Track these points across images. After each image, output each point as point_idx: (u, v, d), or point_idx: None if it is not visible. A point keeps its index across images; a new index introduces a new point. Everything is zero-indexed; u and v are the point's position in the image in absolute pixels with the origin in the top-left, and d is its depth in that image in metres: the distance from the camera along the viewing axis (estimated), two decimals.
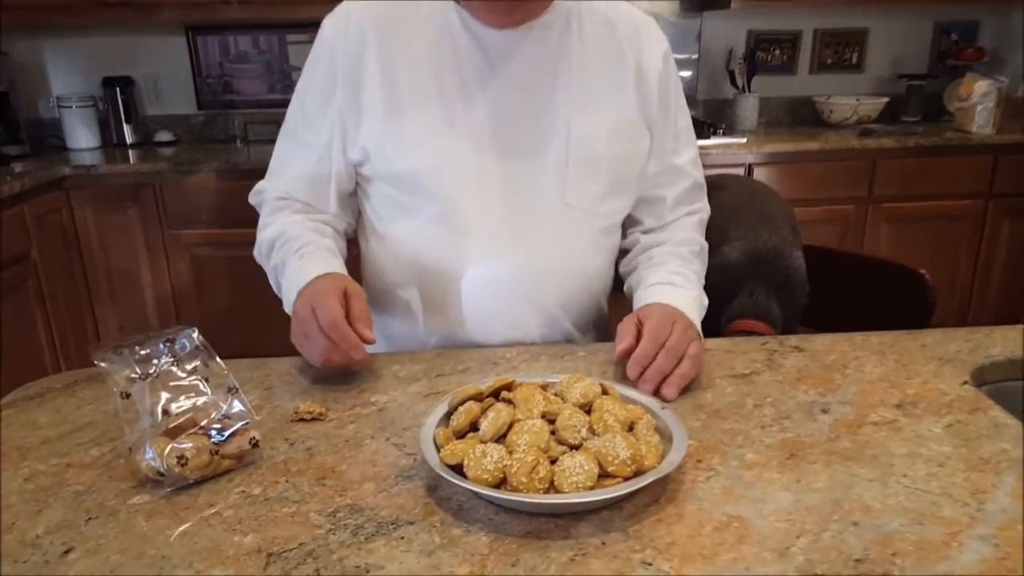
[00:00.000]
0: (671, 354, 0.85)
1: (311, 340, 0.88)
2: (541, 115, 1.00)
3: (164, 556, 0.61)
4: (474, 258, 1.01)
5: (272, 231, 1.04)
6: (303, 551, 0.61)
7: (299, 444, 0.78)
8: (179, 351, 0.77)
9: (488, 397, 0.75)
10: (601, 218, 1.06)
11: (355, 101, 0.99)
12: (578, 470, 0.64)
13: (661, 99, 1.05)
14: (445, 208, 1.00)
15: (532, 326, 1.05)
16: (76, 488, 0.70)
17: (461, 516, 0.65)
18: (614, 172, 1.03)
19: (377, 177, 1.03)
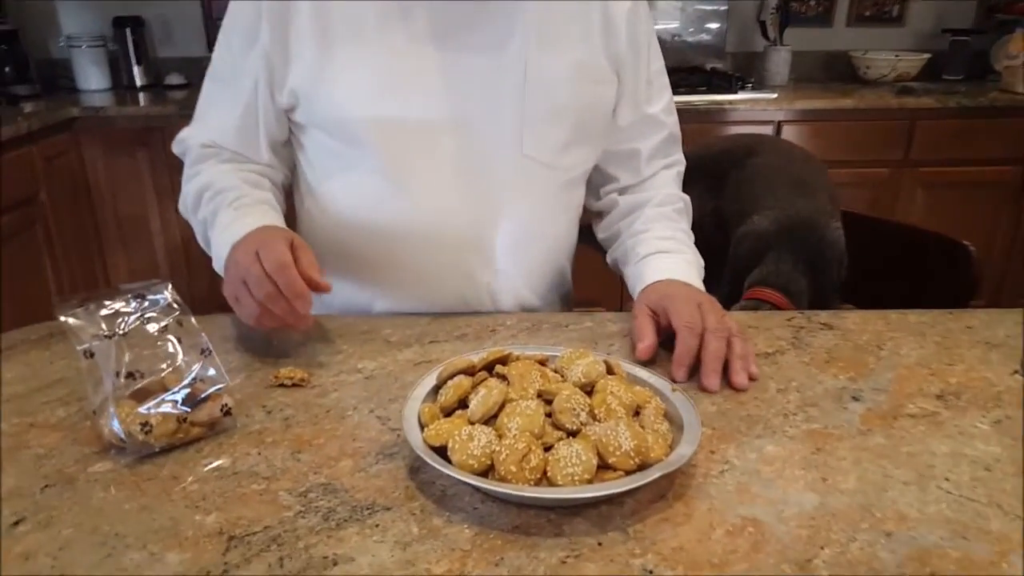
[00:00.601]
0: (719, 336, 0.77)
1: (250, 287, 0.76)
2: (495, 55, 0.89)
3: (118, 534, 0.55)
4: (419, 217, 0.93)
5: (199, 182, 0.94)
6: (268, 535, 0.55)
7: (276, 412, 0.72)
8: (150, 308, 0.71)
9: (481, 371, 0.69)
10: (563, 171, 0.98)
11: (282, 39, 0.89)
12: (574, 460, 0.57)
13: (630, 40, 0.95)
14: (385, 160, 0.91)
15: (484, 292, 0.98)
16: (37, 451, 0.65)
17: (444, 504, 0.59)
18: (577, 119, 0.94)
19: (310, 125, 0.94)
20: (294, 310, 0.75)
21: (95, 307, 0.69)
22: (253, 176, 0.96)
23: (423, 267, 0.96)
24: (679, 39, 2.97)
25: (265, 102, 0.93)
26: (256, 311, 0.76)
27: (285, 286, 0.74)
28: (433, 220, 0.93)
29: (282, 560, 0.53)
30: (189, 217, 0.98)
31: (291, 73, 0.90)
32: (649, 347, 0.81)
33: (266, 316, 0.76)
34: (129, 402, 0.65)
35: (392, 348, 0.85)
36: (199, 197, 0.94)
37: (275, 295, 0.75)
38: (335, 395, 0.75)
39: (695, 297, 0.83)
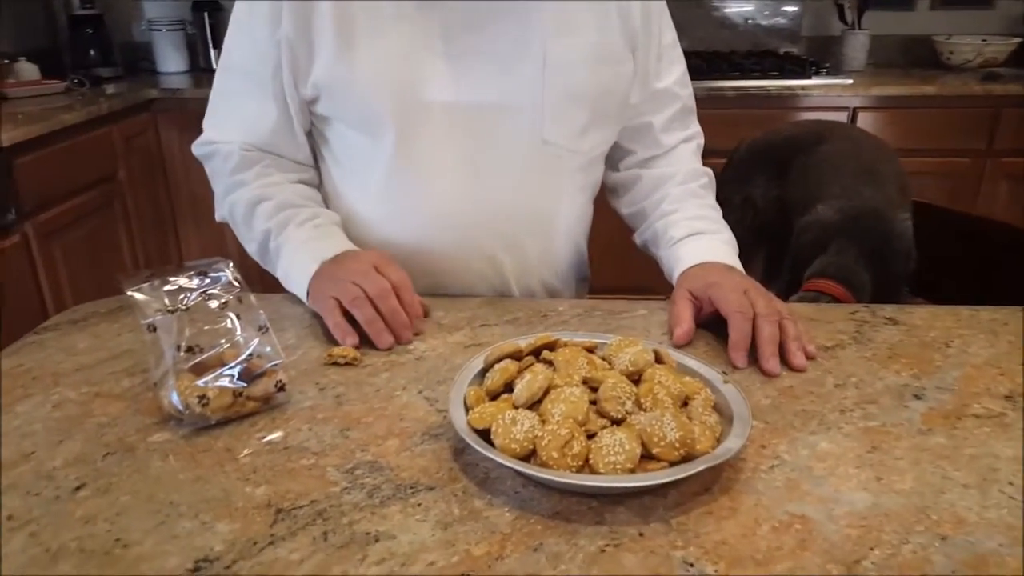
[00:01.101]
0: (771, 320, 0.76)
1: (370, 295, 0.80)
2: (514, 41, 0.89)
3: (172, 502, 0.58)
4: (440, 204, 0.93)
5: (250, 192, 0.93)
6: (314, 509, 0.57)
7: (329, 390, 0.73)
8: (212, 284, 0.73)
9: (528, 356, 0.69)
10: (582, 154, 0.97)
11: (305, 31, 0.88)
12: (617, 449, 0.56)
13: (644, 15, 0.94)
14: (406, 149, 0.91)
15: (506, 276, 0.98)
16: (100, 420, 0.68)
17: (486, 486, 0.59)
18: (596, 102, 0.93)
19: (334, 117, 0.94)
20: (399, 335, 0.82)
21: (160, 283, 0.72)
22: (307, 190, 0.97)
23: (445, 253, 0.96)
24: (753, 22, 2.88)
25: (291, 95, 0.92)
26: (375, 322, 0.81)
27: (389, 313, 0.81)
28: (453, 207, 0.94)
29: (326, 534, 0.54)
30: (236, 226, 0.97)
31: (315, 65, 0.89)
32: (686, 332, 0.80)
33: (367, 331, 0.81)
34: (188, 375, 0.67)
35: (443, 330, 0.85)
36: (252, 209, 0.93)
37: (389, 314, 0.81)
38: (386, 375, 0.76)
39: (740, 283, 0.82)
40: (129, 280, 0.69)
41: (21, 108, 2.13)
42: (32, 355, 0.80)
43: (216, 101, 0.97)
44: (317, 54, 0.89)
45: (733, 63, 2.57)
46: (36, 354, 0.80)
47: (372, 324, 0.80)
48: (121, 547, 0.53)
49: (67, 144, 2.08)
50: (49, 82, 2.40)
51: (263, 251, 0.95)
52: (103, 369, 0.77)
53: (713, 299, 0.80)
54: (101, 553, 0.52)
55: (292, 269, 0.89)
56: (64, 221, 2.08)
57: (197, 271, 0.74)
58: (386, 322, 0.80)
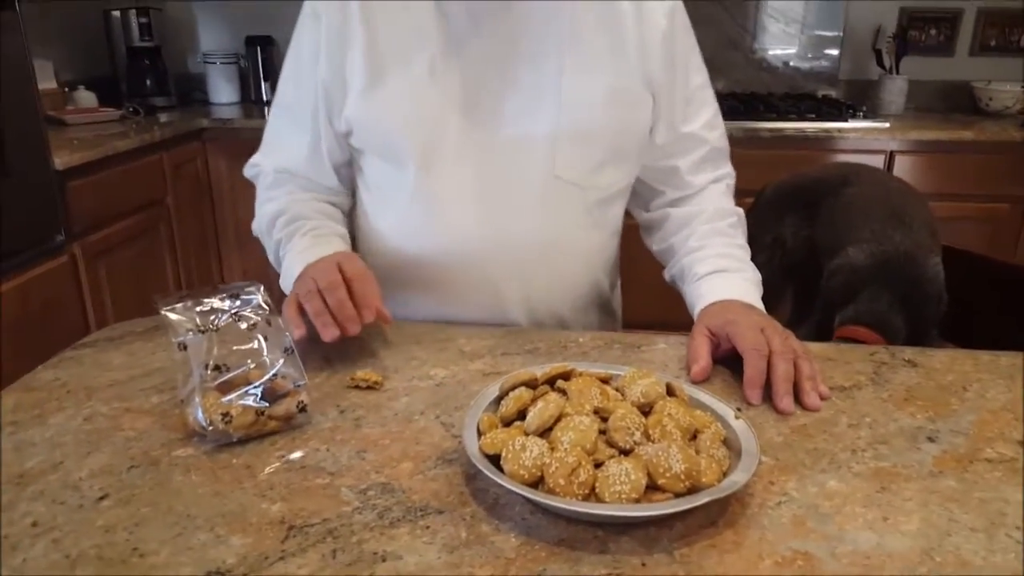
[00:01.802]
0: (786, 358, 0.77)
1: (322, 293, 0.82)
2: (530, 79, 0.92)
3: (190, 515, 0.60)
4: (455, 236, 0.97)
5: (273, 207, 1.02)
6: (325, 528, 0.58)
7: (349, 412, 0.75)
8: (243, 307, 0.76)
9: (543, 384, 0.70)
10: (596, 190, 0.99)
11: (339, 71, 0.95)
12: (623, 478, 0.57)
13: (667, 60, 0.95)
14: (424, 179, 0.95)
15: (516, 307, 1.00)
16: (128, 434, 0.71)
17: (494, 512, 0.60)
18: (611, 141, 0.95)
19: (366, 149, 1.00)
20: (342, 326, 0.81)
21: (193, 303, 0.75)
22: (327, 207, 1.03)
23: (461, 284, 0.99)
24: (791, 66, 2.90)
25: (326, 129, 1.00)
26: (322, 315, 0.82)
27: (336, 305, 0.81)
28: (465, 234, 0.97)
29: (335, 552, 0.56)
30: (262, 237, 1.06)
31: (347, 102, 0.96)
32: (703, 368, 0.81)
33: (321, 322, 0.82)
34: (214, 393, 0.70)
35: (465, 358, 0.87)
36: (273, 221, 1.01)
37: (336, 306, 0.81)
38: (405, 399, 0.78)
39: (757, 321, 0.82)
40: (164, 300, 0.73)
41: (77, 134, 2.23)
42: (69, 369, 0.83)
43: (267, 130, 1.07)
44: (349, 92, 0.95)
45: (770, 105, 2.58)
46: (72, 369, 0.84)
47: (318, 317, 0.81)
48: (138, 556, 0.55)
49: (119, 169, 2.17)
50: (106, 110, 2.51)
51: (276, 260, 1.02)
52: (135, 385, 0.80)
53: (730, 336, 0.81)
54: (118, 561, 0.55)
55: (286, 274, 0.95)
56: (111, 243, 2.16)
57: (230, 293, 0.77)
58: (333, 315, 0.81)
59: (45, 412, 0.74)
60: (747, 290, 0.90)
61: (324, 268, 0.85)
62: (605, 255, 1.06)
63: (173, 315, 0.72)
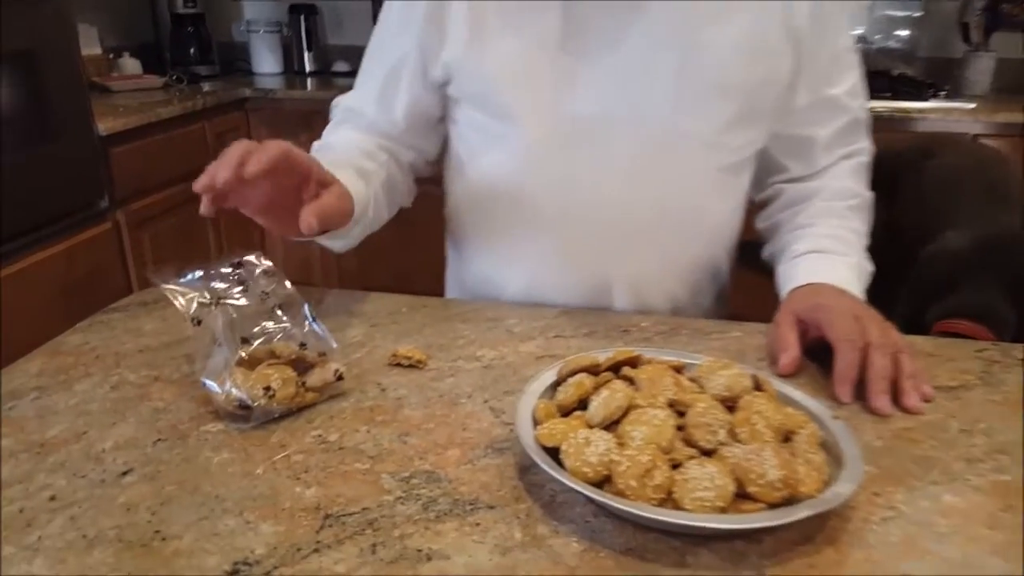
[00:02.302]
0: (884, 352, 0.68)
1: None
2: (655, 25, 0.81)
3: (218, 496, 0.54)
4: (562, 197, 0.87)
5: (324, 140, 0.95)
6: (364, 518, 0.52)
7: (390, 391, 0.69)
8: (249, 276, 0.70)
9: (606, 371, 0.62)
10: (726, 152, 0.87)
11: (438, 15, 0.86)
12: (707, 484, 0.49)
13: (814, 10, 0.83)
14: (531, 136, 0.86)
15: (621, 285, 0.90)
16: (156, 404, 0.66)
17: (552, 511, 0.53)
18: (746, 97, 0.84)
19: (463, 99, 0.91)
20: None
21: (194, 277, 0.69)
22: (373, 149, 0.94)
23: (563, 252, 0.90)
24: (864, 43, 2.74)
25: (413, 75, 0.91)
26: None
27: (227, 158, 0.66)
28: (576, 201, 0.87)
29: (375, 546, 0.50)
30: None
31: (445, 48, 0.87)
32: (793, 360, 0.72)
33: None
34: (240, 369, 0.64)
35: (514, 339, 0.80)
36: (316, 153, 0.91)
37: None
38: (451, 380, 0.71)
39: (852, 308, 0.73)
40: (160, 274, 0.67)
41: (121, 101, 2.21)
42: (99, 334, 0.78)
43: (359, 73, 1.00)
44: (448, 40, 0.87)
45: None
46: (103, 333, 0.79)
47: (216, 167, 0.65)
48: (159, 540, 0.49)
49: (162, 137, 2.14)
50: (149, 77, 2.49)
51: None
52: (166, 353, 0.75)
53: (820, 323, 0.72)
54: (138, 544, 0.49)
55: None
56: (154, 211, 2.14)
57: (231, 263, 0.71)
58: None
59: (71, 378, 0.69)
60: (846, 276, 0.80)
61: None
62: (728, 232, 0.95)
63: (178, 288, 0.66)
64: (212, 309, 0.66)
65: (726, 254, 0.96)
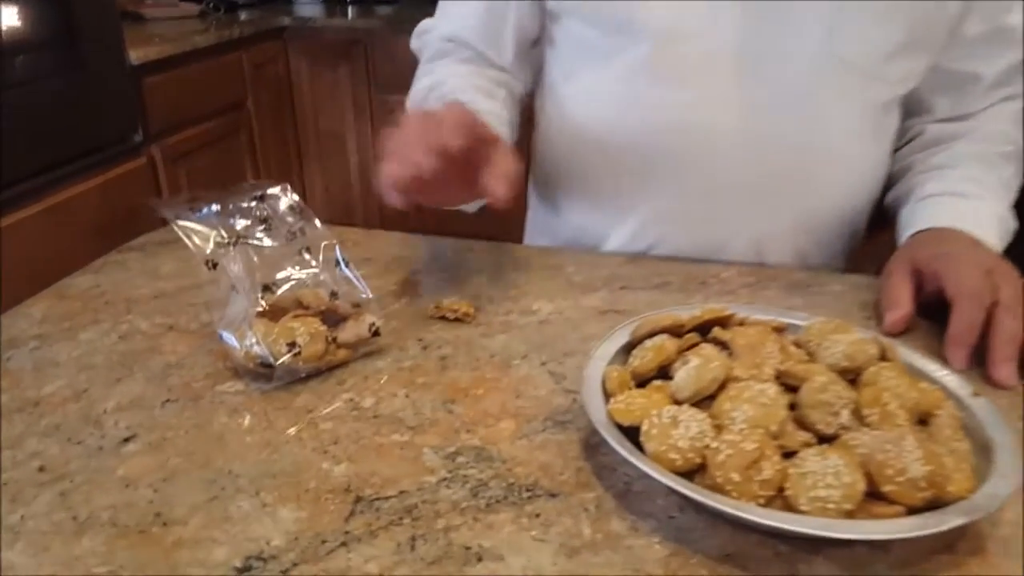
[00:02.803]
0: (1015, 314, 0.56)
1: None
2: None
3: (232, 472, 0.46)
4: (684, 125, 0.73)
5: (431, 79, 0.82)
6: (402, 504, 0.44)
7: (433, 349, 0.60)
8: (272, 213, 0.61)
9: (691, 332, 0.52)
10: (885, 86, 0.73)
11: None
12: (830, 480, 0.39)
13: None
14: (653, 51, 0.72)
15: (751, 234, 0.77)
16: (168, 359, 0.58)
17: (628, 502, 0.44)
18: (913, 20, 0.69)
19: (565, 13, 0.78)
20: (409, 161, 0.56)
21: (208, 210, 0.60)
22: (489, 85, 0.82)
23: (673, 197, 0.77)
24: None
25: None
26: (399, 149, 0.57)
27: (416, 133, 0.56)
28: (698, 142, 0.74)
29: (414, 540, 0.41)
30: None
31: None
32: (903, 317, 0.61)
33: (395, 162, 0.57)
34: (262, 320, 0.55)
35: (575, 290, 0.70)
36: (426, 96, 0.82)
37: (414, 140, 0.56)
38: (502, 338, 0.61)
39: (983, 259, 0.61)
40: (168, 206, 0.57)
41: (155, 29, 2.12)
42: (111, 275, 0.71)
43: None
44: None
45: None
46: (115, 275, 0.71)
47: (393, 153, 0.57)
48: (160, 524, 0.42)
49: (197, 67, 2.06)
50: (185, 4, 2.39)
51: None
52: (183, 299, 0.66)
53: (939, 274, 0.60)
54: (135, 530, 0.41)
55: None
56: (191, 146, 2.07)
57: (250, 196, 0.62)
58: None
59: (76, 325, 0.62)
60: (983, 222, 0.67)
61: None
62: (874, 181, 0.80)
63: (190, 224, 0.57)
64: (230, 250, 0.57)
65: (870, 207, 0.81)
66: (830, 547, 0.41)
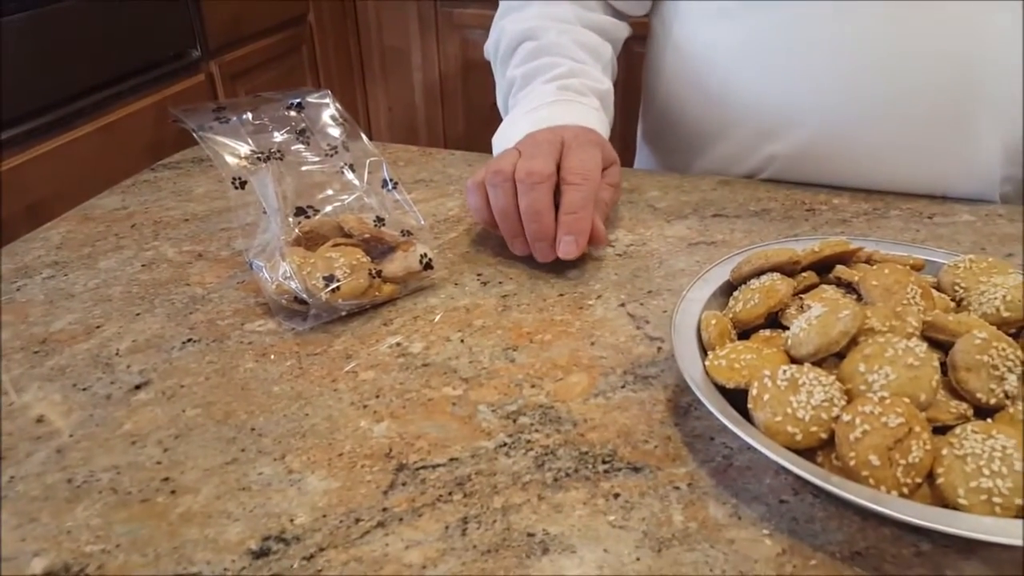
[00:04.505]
0: None
1: (503, 187, 0.52)
2: None
3: (254, 428, 0.39)
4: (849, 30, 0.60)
5: (522, 26, 0.69)
6: (452, 475, 0.36)
7: (493, 286, 0.52)
8: (309, 125, 0.52)
9: (806, 271, 0.42)
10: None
11: None
12: (996, 466, 0.30)
13: None
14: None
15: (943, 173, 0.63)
16: (195, 291, 0.51)
17: (728, 481, 0.36)
18: None
19: None
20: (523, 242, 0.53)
21: (237, 120, 0.52)
22: (594, 40, 0.70)
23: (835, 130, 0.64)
24: None
25: None
26: (487, 215, 0.54)
27: (530, 222, 0.51)
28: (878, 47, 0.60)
29: (465, 522, 0.34)
30: (494, 64, 0.76)
31: None
32: None
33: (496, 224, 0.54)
34: (297, 249, 0.48)
35: (659, 217, 0.60)
36: (513, 48, 0.70)
37: (528, 212, 0.51)
38: (573, 273, 0.53)
39: None
40: (192, 114, 0.50)
41: None
42: (140, 196, 0.64)
43: None
44: None
45: None
46: (145, 195, 0.64)
47: (504, 221, 0.53)
48: (167, 492, 0.35)
49: None
50: None
51: (504, 104, 0.72)
52: (215, 223, 0.60)
53: None
54: (138, 499, 0.35)
55: (504, 133, 0.63)
56: (251, 63, 1.99)
57: (285, 104, 0.54)
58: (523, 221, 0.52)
59: (97, 251, 0.56)
60: None
61: (539, 144, 0.55)
62: None
63: (215, 136, 0.49)
64: (261, 166, 0.50)
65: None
66: (986, 548, 0.32)
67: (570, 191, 0.51)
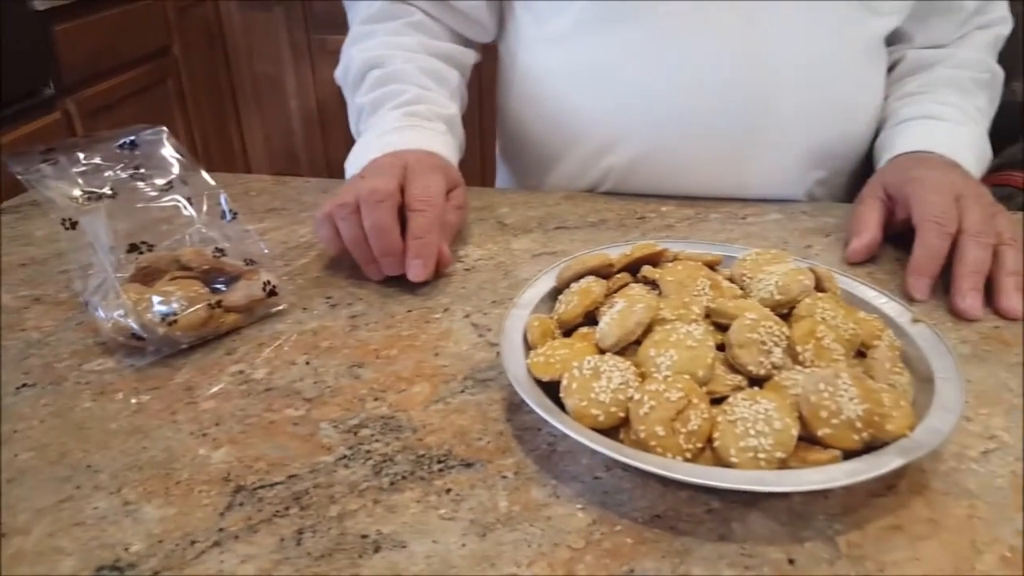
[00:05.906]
0: (981, 242, 0.52)
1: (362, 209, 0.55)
2: None
3: (91, 465, 0.40)
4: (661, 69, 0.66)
5: (370, 54, 0.71)
6: (290, 491, 0.38)
7: (342, 307, 0.54)
8: (144, 161, 0.53)
9: (621, 272, 0.47)
10: (884, 16, 0.68)
11: None
12: (761, 427, 0.35)
13: None
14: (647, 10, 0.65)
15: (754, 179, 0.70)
16: (31, 336, 0.51)
17: (550, 466, 0.39)
18: None
19: None
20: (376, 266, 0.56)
21: (67, 160, 0.52)
22: (441, 67, 0.73)
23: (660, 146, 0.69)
24: None
25: None
26: (339, 245, 0.56)
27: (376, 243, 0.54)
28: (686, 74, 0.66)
29: (301, 534, 0.36)
30: (345, 91, 0.76)
31: None
32: (866, 245, 0.57)
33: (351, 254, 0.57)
34: (134, 285, 0.48)
35: (506, 232, 0.64)
36: (363, 73, 0.71)
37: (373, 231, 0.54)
38: (424, 288, 0.56)
39: (953, 183, 0.57)
40: (21, 160, 0.50)
41: None
42: None
43: None
44: None
45: None
46: None
47: (356, 247, 0.55)
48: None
49: (114, 12, 1.90)
50: None
51: (356, 129, 0.73)
52: (54, 266, 0.59)
53: (909, 199, 0.56)
54: None
55: (355, 158, 0.65)
56: (112, 98, 1.92)
57: (118, 141, 0.55)
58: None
59: None
60: (959, 145, 0.63)
61: (382, 167, 0.58)
62: (873, 113, 0.73)
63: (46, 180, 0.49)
64: (93, 206, 0.50)
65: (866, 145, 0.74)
66: (765, 500, 0.37)
67: (415, 217, 0.54)
